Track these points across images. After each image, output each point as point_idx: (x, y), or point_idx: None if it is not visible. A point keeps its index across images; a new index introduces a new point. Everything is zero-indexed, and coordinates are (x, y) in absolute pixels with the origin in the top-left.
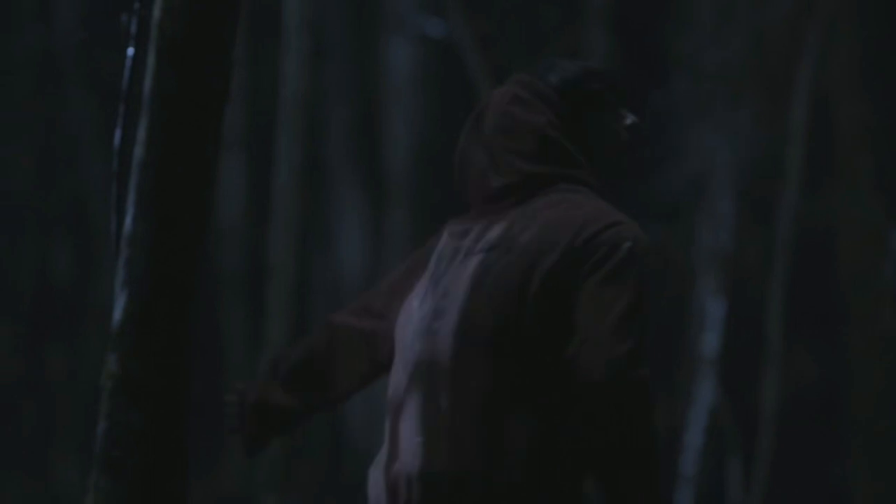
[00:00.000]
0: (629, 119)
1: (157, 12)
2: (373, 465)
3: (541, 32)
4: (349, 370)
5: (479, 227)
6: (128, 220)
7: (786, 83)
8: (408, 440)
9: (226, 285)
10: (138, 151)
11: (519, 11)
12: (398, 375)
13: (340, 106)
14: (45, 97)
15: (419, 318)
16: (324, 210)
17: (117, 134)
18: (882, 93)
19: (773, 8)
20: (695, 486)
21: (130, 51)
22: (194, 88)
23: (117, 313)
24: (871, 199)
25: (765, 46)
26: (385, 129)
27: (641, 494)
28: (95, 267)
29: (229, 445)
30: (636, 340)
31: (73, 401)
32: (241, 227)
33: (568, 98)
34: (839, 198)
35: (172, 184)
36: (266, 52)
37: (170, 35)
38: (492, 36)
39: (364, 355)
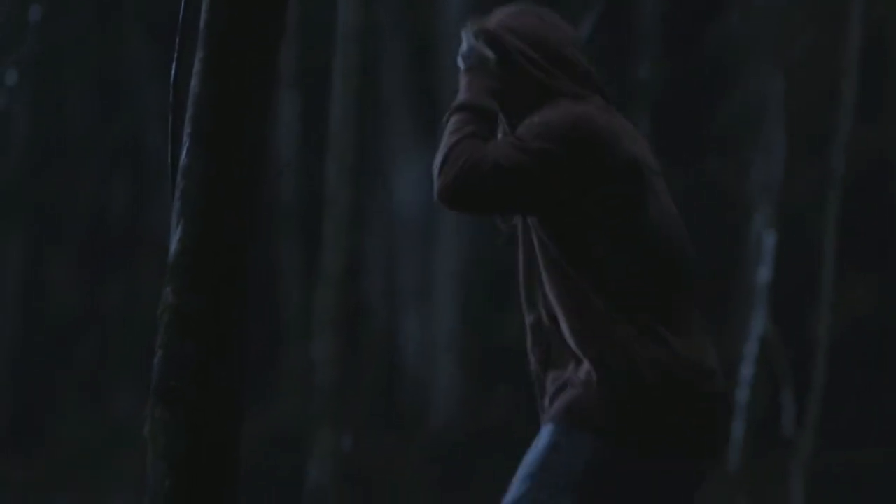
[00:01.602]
0: None
1: None
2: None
3: None
4: None
5: None
6: (183, 153)
7: (839, 16)
8: None
9: (281, 218)
10: (194, 85)
11: None
12: None
13: (396, 40)
14: (102, 32)
15: None
16: (379, 144)
17: (173, 67)
18: None
19: None
20: (748, 417)
21: None
22: (250, 22)
23: (173, 246)
24: None
25: None
26: (440, 62)
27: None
28: (152, 200)
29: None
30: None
31: (130, 332)
32: (297, 161)
33: None
34: (893, 129)
35: (228, 117)
36: None
37: None
38: None
39: None
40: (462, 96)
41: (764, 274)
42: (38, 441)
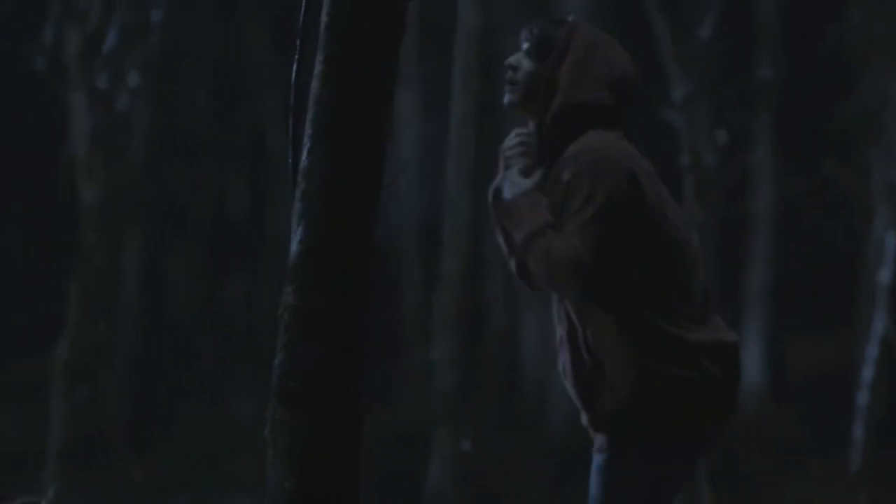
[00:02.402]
0: None
1: None
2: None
3: None
4: None
5: None
6: (304, 154)
7: None
8: None
9: (401, 219)
10: (314, 86)
11: None
12: None
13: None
14: (223, 34)
15: None
16: (499, 145)
17: (294, 69)
18: None
19: None
20: (868, 418)
21: None
22: (370, 23)
23: (294, 246)
24: None
25: None
26: None
27: None
28: (273, 200)
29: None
30: None
31: (251, 333)
32: (417, 162)
33: None
34: None
35: (348, 118)
36: None
37: None
38: None
39: None
40: (524, 228)
41: (885, 275)
42: (158, 442)
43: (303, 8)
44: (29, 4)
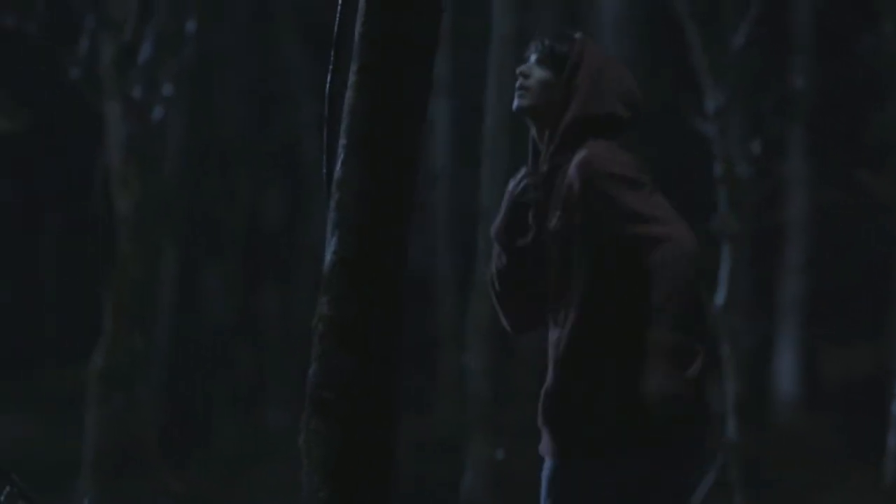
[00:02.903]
0: None
1: None
2: None
3: None
4: None
5: None
6: (338, 164)
7: None
8: None
9: (435, 228)
10: (349, 96)
11: None
12: None
13: None
14: (257, 44)
15: None
16: None
17: (328, 79)
18: None
19: None
20: None
21: None
22: (403, 33)
23: (328, 256)
24: None
25: None
26: None
27: None
28: (307, 210)
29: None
30: None
31: (285, 342)
32: (451, 170)
33: None
34: None
35: (382, 128)
36: None
37: None
38: None
39: None
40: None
41: None
42: (193, 451)
43: (337, 18)
44: (64, 15)
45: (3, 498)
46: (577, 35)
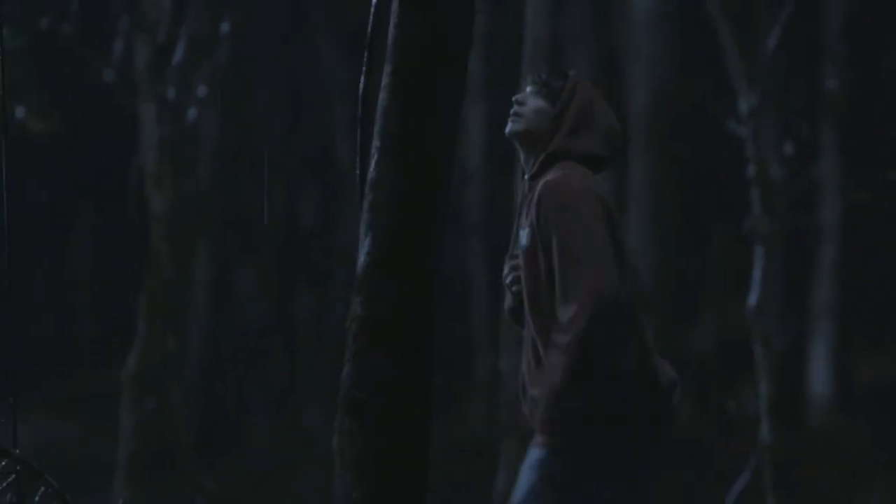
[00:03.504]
0: None
1: None
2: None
3: None
4: None
5: None
6: (371, 166)
7: None
8: None
9: (469, 229)
10: (382, 98)
11: None
12: None
13: (582, 53)
14: (291, 45)
15: None
16: None
17: (362, 80)
18: None
19: None
20: None
21: None
22: (437, 35)
23: (361, 257)
24: None
25: None
26: (626, 75)
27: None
28: (341, 211)
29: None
30: None
31: (319, 343)
32: (484, 172)
33: None
34: None
35: (415, 130)
36: (508, 0)
37: None
38: None
39: None
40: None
41: None
42: (226, 453)
43: (371, 20)
44: (98, 17)
45: (37, 499)
46: (572, 72)
